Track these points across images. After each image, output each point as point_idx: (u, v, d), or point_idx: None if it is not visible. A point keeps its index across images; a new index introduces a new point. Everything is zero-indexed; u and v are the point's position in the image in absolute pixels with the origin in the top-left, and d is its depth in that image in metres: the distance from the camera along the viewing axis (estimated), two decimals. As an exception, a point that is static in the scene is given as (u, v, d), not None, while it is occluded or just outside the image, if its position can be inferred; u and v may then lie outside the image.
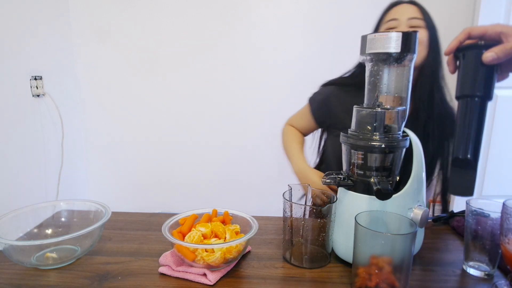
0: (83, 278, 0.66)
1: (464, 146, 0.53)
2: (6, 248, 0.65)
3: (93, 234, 0.72)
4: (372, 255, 0.57)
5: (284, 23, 2.00)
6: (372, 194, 0.64)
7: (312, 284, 0.65)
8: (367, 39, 0.67)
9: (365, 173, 0.68)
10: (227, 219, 0.76)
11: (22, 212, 0.77)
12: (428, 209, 0.68)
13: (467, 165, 0.53)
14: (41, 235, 0.79)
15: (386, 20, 0.94)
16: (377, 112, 0.67)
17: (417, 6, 0.93)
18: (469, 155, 0.53)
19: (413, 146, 0.69)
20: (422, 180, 0.70)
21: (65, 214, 0.84)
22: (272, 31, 2.01)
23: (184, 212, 0.76)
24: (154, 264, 0.70)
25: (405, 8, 0.93)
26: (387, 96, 0.70)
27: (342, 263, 0.71)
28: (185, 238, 0.68)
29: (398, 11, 0.93)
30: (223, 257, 0.64)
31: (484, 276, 0.67)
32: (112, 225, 0.88)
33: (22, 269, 0.69)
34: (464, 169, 0.54)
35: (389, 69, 0.69)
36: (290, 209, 0.71)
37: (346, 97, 1.01)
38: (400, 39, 0.63)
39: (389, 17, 0.94)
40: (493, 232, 0.65)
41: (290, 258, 0.72)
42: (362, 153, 0.68)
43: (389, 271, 0.56)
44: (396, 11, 0.94)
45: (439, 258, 0.74)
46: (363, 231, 0.57)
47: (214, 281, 0.64)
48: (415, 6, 0.93)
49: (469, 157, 0.53)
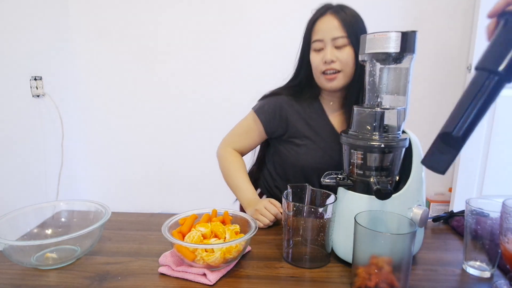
0: (83, 278, 0.66)
1: (459, 123, 0.48)
2: (6, 248, 0.65)
3: (93, 234, 0.72)
4: (372, 255, 0.57)
5: (284, 23, 2.00)
6: (371, 194, 0.64)
7: (312, 284, 0.65)
8: (367, 39, 0.67)
9: (364, 173, 0.68)
10: (227, 219, 0.76)
11: (22, 212, 0.77)
12: (428, 209, 0.68)
13: (453, 144, 0.49)
14: (41, 235, 0.79)
15: (313, 40, 0.94)
16: (377, 112, 0.67)
17: (341, 18, 0.90)
18: (460, 133, 0.48)
19: (413, 146, 0.70)
20: (422, 180, 0.70)
21: (65, 214, 0.84)
22: (272, 31, 2.01)
23: (184, 212, 0.77)
24: (154, 264, 0.70)
25: (329, 23, 0.91)
26: (386, 96, 0.70)
27: (342, 263, 0.71)
28: (185, 238, 0.68)
29: (321, 29, 0.92)
30: (223, 257, 0.64)
31: (484, 276, 0.67)
32: (112, 225, 0.88)
33: (22, 269, 0.69)
34: (448, 146, 0.49)
35: (388, 69, 0.69)
36: (290, 209, 0.71)
37: (298, 105, 1.01)
38: (400, 39, 0.63)
39: (314, 37, 0.93)
40: (492, 231, 0.65)
41: (290, 258, 0.72)
42: (362, 153, 0.68)
43: (388, 271, 0.56)
44: (320, 28, 0.92)
45: (438, 257, 0.74)
46: (363, 231, 0.57)
47: (214, 281, 0.64)
48: (338, 18, 0.90)
49: (459, 136, 0.48)
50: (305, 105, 1.00)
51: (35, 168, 1.70)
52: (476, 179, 1.94)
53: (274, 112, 1.00)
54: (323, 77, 0.93)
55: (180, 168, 2.19)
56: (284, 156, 1.04)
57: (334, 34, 0.89)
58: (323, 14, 0.93)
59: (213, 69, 2.07)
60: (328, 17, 0.91)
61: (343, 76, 0.92)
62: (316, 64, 0.93)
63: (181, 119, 2.13)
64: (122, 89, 2.11)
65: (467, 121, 0.48)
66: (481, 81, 0.48)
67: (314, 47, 0.93)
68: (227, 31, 2.02)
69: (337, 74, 0.91)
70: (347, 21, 0.90)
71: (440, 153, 0.50)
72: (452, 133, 0.48)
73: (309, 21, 0.96)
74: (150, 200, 2.24)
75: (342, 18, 0.90)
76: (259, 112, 1.02)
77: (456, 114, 0.49)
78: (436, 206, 2.08)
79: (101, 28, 2.03)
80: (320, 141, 0.99)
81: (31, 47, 1.68)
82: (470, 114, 0.48)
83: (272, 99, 1.02)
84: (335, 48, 0.90)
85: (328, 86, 0.93)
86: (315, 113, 1.01)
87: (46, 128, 1.78)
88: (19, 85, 1.61)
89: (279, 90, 1.04)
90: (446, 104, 2.02)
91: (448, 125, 0.49)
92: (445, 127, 0.50)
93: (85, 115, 2.13)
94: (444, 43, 1.97)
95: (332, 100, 1.01)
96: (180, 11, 2.00)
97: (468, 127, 0.48)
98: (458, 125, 0.48)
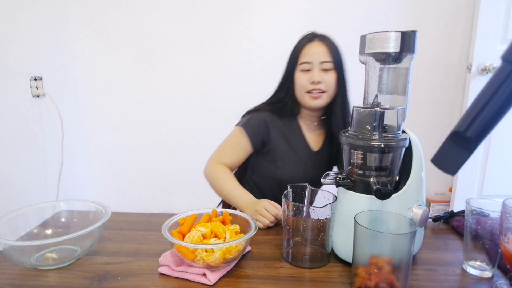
0: (83, 278, 0.66)
1: (473, 122, 0.42)
2: (6, 249, 0.65)
3: (93, 234, 0.72)
4: (371, 255, 0.57)
5: (284, 22, 2.00)
6: (371, 193, 0.64)
7: (312, 284, 0.65)
8: (366, 39, 0.67)
9: (364, 172, 0.68)
10: (226, 219, 0.76)
11: (22, 212, 0.77)
12: (428, 209, 0.68)
13: (465, 145, 0.44)
14: (41, 235, 0.79)
15: (300, 62, 1.03)
16: (376, 112, 0.67)
17: (328, 45, 1.02)
18: (473, 134, 0.43)
19: (413, 146, 0.69)
20: (422, 179, 0.70)
21: (65, 214, 0.84)
22: (272, 31, 2.01)
23: (184, 212, 0.77)
24: (154, 264, 0.70)
25: (317, 48, 1.02)
26: (386, 95, 0.70)
27: (341, 262, 0.71)
28: (185, 238, 0.68)
29: (310, 53, 1.02)
30: (222, 257, 0.64)
31: (484, 276, 0.67)
32: (112, 225, 0.88)
33: (22, 269, 0.69)
34: (460, 146, 0.45)
35: (388, 69, 0.69)
36: (290, 209, 0.71)
37: (278, 121, 1.08)
38: (399, 38, 0.63)
39: (303, 59, 1.03)
40: (492, 231, 0.65)
41: (290, 258, 0.72)
42: (362, 153, 0.68)
43: (388, 271, 0.56)
44: (309, 52, 1.02)
45: (439, 257, 0.74)
46: (363, 230, 0.57)
47: (214, 281, 0.64)
48: (325, 45, 1.02)
49: (471, 137, 0.43)
50: (285, 122, 1.09)
51: (35, 168, 1.70)
52: (476, 179, 1.94)
53: (259, 126, 1.06)
54: (307, 96, 1.03)
55: (180, 168, 2.19)
56: (263, 169, 1.11)
57: (322, 58, 1.01)
58: (311, 40, 1.04)
59: (214, 69, 2.07)
60: (317, 43, 1.03)
61: (327, 96, 1.03)
62: (303, 84, 1.02)
63: (181, 119, 2.13)
64: (122, 89, 2.11)
65: (483, 120, 0.42)
66: (504, 74, 0.41)
67: (301, 68, 1.03)
68: (227, 32, 2.02)
69: (322, 93, 1.02)
70: (333, 49, 1.02)
71: (450, 153, 0.46)
72: (464, 133, 0.43)
73: (297, 44, 1.06)
74: (150, 200, 2.24)
75: (328, 46, 1.02)
76: (246, 126, 1.07)
77: (471, 112, 0.43)
78: (436, 206, 2.08)
79: (101, 28, 2.03)
80: (296, 157, 1.09)
81: (31, 47, 1.68)
82: (487, 112, 0.42)
83: (255, 114, 1.08)
84: (322, 70, 1.01)
85: (313, 104, 1.03)
86: (293, 130, 1.10)
87: (46, 128, 1.78)
88: (19, 85, 1.61)
89: (261, 106, 1.11)
90: (446, 104, 2.02)
91: (461, 123, 0.44)
92: (458, 126, 0.44)
93: (85, 115, 2.13)
94: (444, 43, 1.97)
95: (310, 120, 1.11)
96: (180, 11, 2.00)
97: (484, 127, 0.42)
98: (472, 125, 0.43)
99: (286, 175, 1.08)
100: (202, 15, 2.00)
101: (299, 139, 1.10)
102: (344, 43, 1.77)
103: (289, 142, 1.08)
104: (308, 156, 1.10)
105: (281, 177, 1.09)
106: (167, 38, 2.04)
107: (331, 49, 1.02)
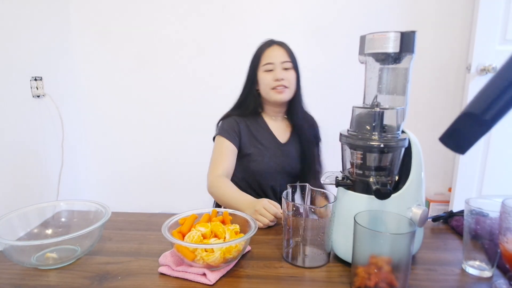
0: (83, 278, 0.66)
1: (491, 106, 0.40)
2: (6, 248, 0.65)
3: (93, 234, 0.72)
4: (371, 255, 0.58)
5: (284, 22, 2.00)
6: (371, 193, 0.64)
7: (312, 284, 0.65)
8: (366, 39, 0.67)
9: (364, 172, 0.68)
10: (226, 219, 0.77)
11: (22, 212, 0.77)
12: (427, 209, 0.68)
13: (478, 126, 0.42)
14: (41, 235, 0.79)
15: (263, 64, 1.17)
16: (376, 112, 0.67)
17: (285, 48, 1.18)
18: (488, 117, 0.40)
19: (412, 146, 0.70)
20: (421, 179, 0.70)
21: (65, 214, 0.84)
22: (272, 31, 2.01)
23: (184, 212, 0.77)
24: (154, 264, 0.70)
25: (277, 51, 1.17)
26: (385, 95, 0.70)
27: (341, 262, 0.71)
28: (185, 238, 0.68)
29: (272, 55, 1.16)
30: (222, 257, 0.65)
31: (483, 275, 0.67)
32: (112, 225, 0.88)
33: (22, 269, 0.69)
34: (472, 127, 0.43)
35: (387, 69, 0.69)
36: (290, 209, 0.71)
37: (245, 121, 1.21)
38: (399, 39, 0.63)
39: (265, 61, 1.17)
40: (492, 231, 0.65)
41: (289, 258, 0.73)
42: (361, 153, 0.68)
43: (388, 271, 0.56)
44: (270, 55, 1.17)
45: (438, 257, 0.74)
46: (363, 230, 0.57)
47: (214, 281, 0.64)
48: (283, 48, 1.18)
49: (487, 119, 0.41)
50: (251, 121, 1.22)
51: (35, 168, 1.70)
52: (476, 179, 1.94)
53: (232, 126, 1.19)
54: (272, 92, 1.16)
55: (181, 168, 2.19)
56: (239, 166, 1.20)
57: (282, 59, 1.16)
58: (270, 45, 1.20)
59: (214, 69, 2.07)
60: (276, 47, 1.19)
61: (289, 91, 1.17)
62: (268, 82, 1.16)
63: (182, 119, 2.13)
64: (122, 90, 2.11)
65: (502, 104, 0.40)
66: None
67: (265, 68, 1.17)
68: (227, 32, 2.02)
69: (285, 89, 1.15)
70: (290, 52, 1.19)
71: (462, 132, 0.44)
72: (481, 115, 0.41)
73: (258, 50, 1.21)
74: (150, 200, 2.24)
75: (286, 49, 1.19)
76: (222, 132, 1.19)
77: (489, 94, 0.41)
78: (435, 206, 2.08)
79: (101, 28, 2.03)
80: (266, 150, 1.20)
81: (31, 47, 1.68)
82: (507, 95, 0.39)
83: (226, 120, 1.21)
84: (283, 69, 1.15)
85: (278, 98, 1.16)
86: (259, 127, 1.23)
87: (46, 129, 1.78)
88: (19, 85, 1.61)
89: (229, 112, 1.25)
90: (445, 104, 2.02)
91: (476, 105, 0.42)
92: (472, 107, 0.42)
93: (86, 115, 2.13)
94: (444, 43, 1.97)
95: (274, 115, 1.25)
96: (180, 11, 2.00)
97: (502, 110, 0.40)
98: (490, 108, 0.41)
99: (260, 167, 1.19)
100: (202, 15, 2.00)
101: (266, 133, 1.22)
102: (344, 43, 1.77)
103: (258, 138, 1.20)
104: (277, 148, 1.22)
105: (255, 169, 1.19)
106: (167, 38, 2.04)
107: (289, 52, 1.18)
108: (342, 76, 1.99)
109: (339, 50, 1.99)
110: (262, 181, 1.21)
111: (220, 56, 2.05)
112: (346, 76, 1.95)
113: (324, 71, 2.03)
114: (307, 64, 2.08)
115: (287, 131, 1.25)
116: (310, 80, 2.10)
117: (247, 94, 1.23)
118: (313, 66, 2.03)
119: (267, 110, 1.24)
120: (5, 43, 1.51)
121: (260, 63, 1.18)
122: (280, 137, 1.23)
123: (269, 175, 1.20)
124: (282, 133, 1.24)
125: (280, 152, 1.22)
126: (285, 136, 1.25)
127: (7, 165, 1.51)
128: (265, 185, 1.22)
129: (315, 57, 2.02)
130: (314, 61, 2.03)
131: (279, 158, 1.21)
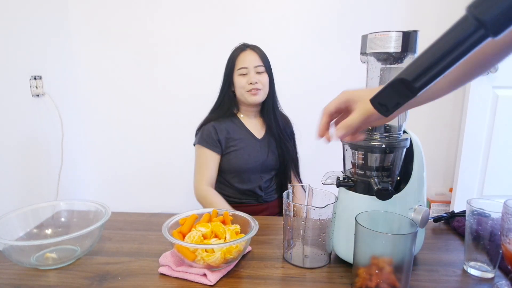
0: (83, 278, 0.66)
1: (423, 74, 0.42)
2: (6, 248, 0.65)
3: (93, 234, 0.72)
4: (372, 255, 0.57)
5: (284, 22, 2.00)
6: (372, 194, 0.64)
7: (313, 284, 0.65)
8: (368, 39, 0.67)
9: (365, 173, 0.68)
10: (227, 219, 0.76)
11: (22, 212, 0.77)
12: (428, 209, 0.68)
13: (406, 91, 0.44)
14: (41, 235, 0.79)
15: (238, 68, 1.24)
16: (378, 112, 0.66)
17: (258, 52, 1.26)
18: (419, 86, 0.42)
19: (414, 146, 0.69)
20: (423, 180, 0.70)
21: (65, 214, 0.84)
22: (272, 31, 2.01)
23: (184, 212, 0.76)
24: (154, 264, 0.70)
25: (251, 56, 1.24)
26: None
27: (342, 263, 0.71)
28: (185, 238, 0.68)
29: (246, 60, 1.24)
30: (223, 257, 0.64)
31: (485, 276, 0.67)
32: (112, 225, 0.88)
33: (22, 269, 0.69)
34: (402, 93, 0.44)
35: (389, 69, 0.68)
36: (290, 209, 0.70)
37: (222, 124, 1.28)
38: (401, 38, 0.63)
39: (240, 65, 1.24)
40: (493, 232, 0.64)
41: (290, 258, 0.72)
42: (363, 153, 0.67)
43: (389, 271, 0.56)
44: (244, 59, 1.24)
45: (439, 258, 0.74)
46: (364, 231, 0.57)
47: (214, 281, 0.64)
48: (256, 53, 1.25)
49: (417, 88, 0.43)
50: (228, 122, 1.29)
51: (35, 168, 1.69)
52: (477, 179, 1.94)
53: (211, 134, 1.26)
54: (247, 94, 1.24)
55: (181, 168, 2.18)
56: (222, 164, 1.28)
57: (255, 63, 1.24)
58: (243, 49, 1.27)
59: (214, 69, 2.06)
60: (249, 51, 1.26)
61: (263, 93, 1.26)
62: (243, 85, 1.24)
63: (182, 118, 2.13)
64: (122, 89, 2.11)
65: (433, 74, 0.42)
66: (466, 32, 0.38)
67: (239, 72, 1.24)
68: (227, 32, 2.02)
69: (259, 91, 1.24)
70: (263, 56, 1.26)
71: (391, 96, 0.46)
72: (412, 82, 0.43)
73: (232, 54, 1.28)
74: (150, 200, 2.24)
75: (259, 53, 1.26)
76: (201, 141, 1.26)
77: (423, 62, 0.42)
78: (437, 207, 2.08)
79: (101, 27, 2.03)
80: (245, 146, 1.28)
81: (31, 46, 1.67)
82: (439, 67, 0.41)
83: (204, 128, 1.28)
84: (257, 73, 1.24)
85: (252, 99, 1.24)
86: (236, 126, 1.30)
87: (46, 128, 1.77)
88: (18, 84, 1.60)
89: (205, 119, 1.32)
90: (446, 104, 2.02)
91: (410, 72, 0.43)
92: (407, 73, 0.44)
93: (85, 115, 2.13)
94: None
95: (249, 114, 1.32)
96: (181, 11, 2.00)
97: (431, 80, 0.42)
98: (421, 76, 0.42)
99: (241, 162, 1.27)
100: (202, 14, 2.00)
101: (243, 131, 1.30)
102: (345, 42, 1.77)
103: (236, 137, 1.28)
104: (255, 143, 1.30)
105: (237, 166, 1.27)
106: (166, 37, 2.03)
107: (261, 56, 1.26)
108: (343, 76, 1.99)
109: (340, 50, 1.98)
110: (245, 176, 1.29)
111: (221, 56, 2.04)
112: (348, 76, 1.94)
113: (325, 71, 2.03)
114: (308, 64, 2.09)
115: (262, 128, 1.34)
116: (310, 80, 2.11)
117: (224, 95, 1.31)
118: (314, 66, 2.03)
119: (242, 110, 1.33)
120: (4, 42, 1.50)
121: (235, 67, 1.26)
122: (256, 133, 1.32)
123: (251, 170, 1.28)
124: (258, 130, 1.33)
125: (259, 147, 1.30)
126: (261, 133, 1.33)
127: (6, 164, 1.51)
128: (249, 180, 1.30)
129: (316, 57, 2.02)
130: (315, 61, 2.03)
131: (258, 153, 1.29)
